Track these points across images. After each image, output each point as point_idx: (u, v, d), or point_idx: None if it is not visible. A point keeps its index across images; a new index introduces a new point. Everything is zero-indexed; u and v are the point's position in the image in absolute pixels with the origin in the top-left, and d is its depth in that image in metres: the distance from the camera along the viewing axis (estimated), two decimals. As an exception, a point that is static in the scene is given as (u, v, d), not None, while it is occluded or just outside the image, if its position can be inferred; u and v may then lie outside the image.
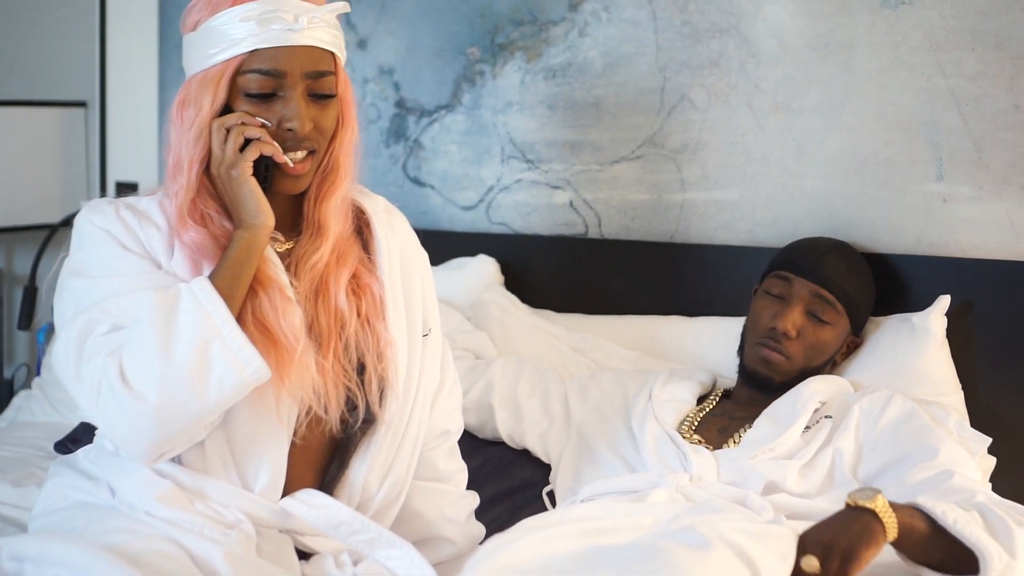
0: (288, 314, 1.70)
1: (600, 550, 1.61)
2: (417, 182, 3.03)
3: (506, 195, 2.91)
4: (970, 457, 2.09)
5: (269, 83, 1.70)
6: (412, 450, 1.89)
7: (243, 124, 1.70)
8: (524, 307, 2.76)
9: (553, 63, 2.83)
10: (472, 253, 2.89)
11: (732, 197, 2.66)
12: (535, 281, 2.84)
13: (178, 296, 1.64)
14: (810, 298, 2.30)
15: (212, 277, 1.67)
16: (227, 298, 1.65)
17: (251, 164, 1.70)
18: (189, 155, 1.72)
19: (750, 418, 2.27)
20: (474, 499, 2.06)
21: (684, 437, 2.24)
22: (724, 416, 2.32)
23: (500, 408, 2.49)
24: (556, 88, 2.83)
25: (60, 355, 1.67)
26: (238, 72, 1.70)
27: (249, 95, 1.71)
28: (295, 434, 1.74)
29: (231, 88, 1.71)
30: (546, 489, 2.37)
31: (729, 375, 2.50)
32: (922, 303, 2.39)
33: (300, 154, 1.73)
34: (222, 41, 1.69)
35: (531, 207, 2.88)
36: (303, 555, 1.78)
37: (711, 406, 2.36)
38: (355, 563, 1.76)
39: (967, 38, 2.40)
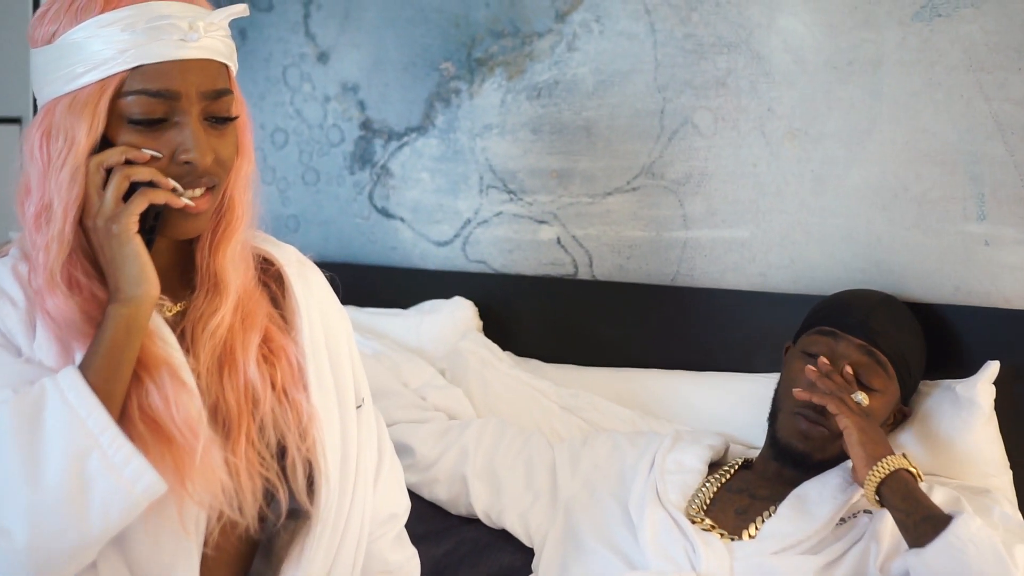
0: (183, 403, 1.43)
1: None
2: (385, 213, 2.80)
3: (485, 229, 2.70)
4: None
5: (159, 107, 1.42)
6: (356, 546, 1.65)
7: (127, 163, 1.42)
8: (507, 357, 2.55)
9: (538, 81, 2.62)
10: (446, 294, 2.67)
11: (742, 236, 2.47)
12: (518, 327, 2.63)
13: (42, 399, 1.36)
14: (858, 359, 2.06)
15: (84, 368, 1.38)
16: (104, 395, 1.37)
17: (137, 218, 1.42)
18: (63, 201, 1.41)
19: (774, 498, 2.04)
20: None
21: (693, 521, 2.01)
22: (744, 493, 2.08)
23: (476, 480, 2.25)
24: (541, 109, 2.62)
25: None
26: (118, 94, 1.41)
27: (133, 122, 1.42)
28: (206, 544, 1.49)
29: (109, 114, 1.42)
30: None
31: (744, 440, 2.30)
32: (961, 361, 2.23)
33: (199, 191, 1.46)
34: (93, 56, 1.41)
35: (513, 243, 2.67)
36: None
37: (727, 477, 2.12)
38: None
39: (1013, 56, 2.22)
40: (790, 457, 2.07)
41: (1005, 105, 2.22)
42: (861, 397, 1.98)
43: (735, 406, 2.34)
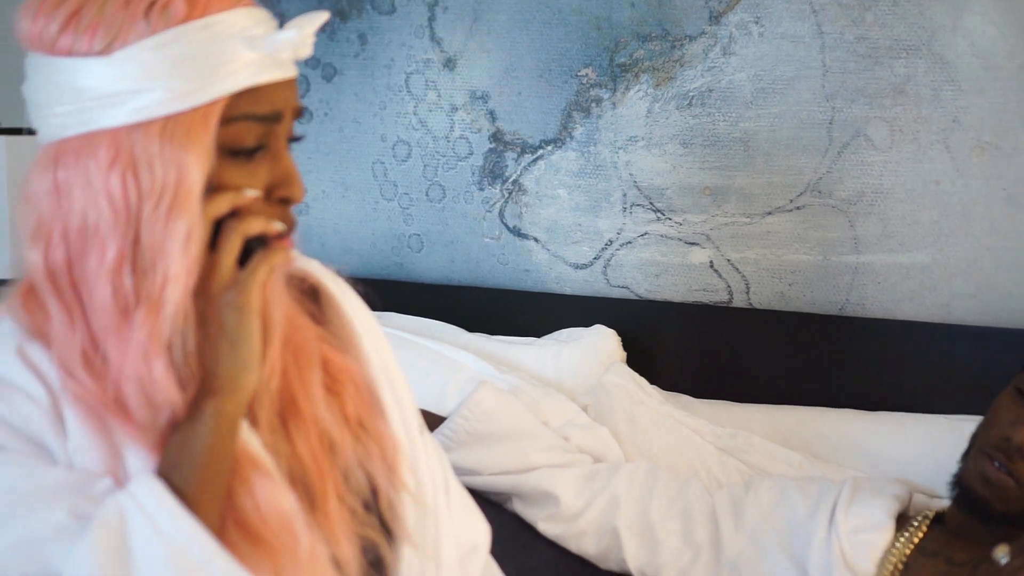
0: (274, 499, 1.22)
1: None
2: (517, 233, 2.64)
3: (629, 251, 2.53)
4: None
5: (261, 133, 1.20)
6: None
7: (239, 216, 1.20)
8: (655, 392, 2.36)
9: (689, 88, 2.43)
10: (585, 322, 2.49)
11: (922, 261, 2.30)
12: (664, 360, 2.46)
13: (124, 529, 1.14)
14: None
15: (167, 478, 1.16)
16: (202, 511, 1.16)
17: (260, 285, 1.20)
18: (177, 260, 1.16)
19: (975, 563, 1.82)
20: None
21: None
22: (939, 557, 1.87)
23: (629, 535, 2.05)
24: (693, 120, 2.44)
25: None
26: (221, 120, 1.18)
27: (233, 153, 1.19)
28: None
29: None
30: None
31: (925, 488, 2.09)
32: None
33: (283, 226, 1.25)
34: (199, 75, 1.16)
35: (660, 267, 2.50)
36: None
37: (919, 536, 1.90)
38: None
39: None
40: (970, 503, 1.88)
41: None
42: None
43: (914, 451, 2.15)
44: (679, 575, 2.01)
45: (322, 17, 1.22)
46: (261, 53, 1.18)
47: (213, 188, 1.18)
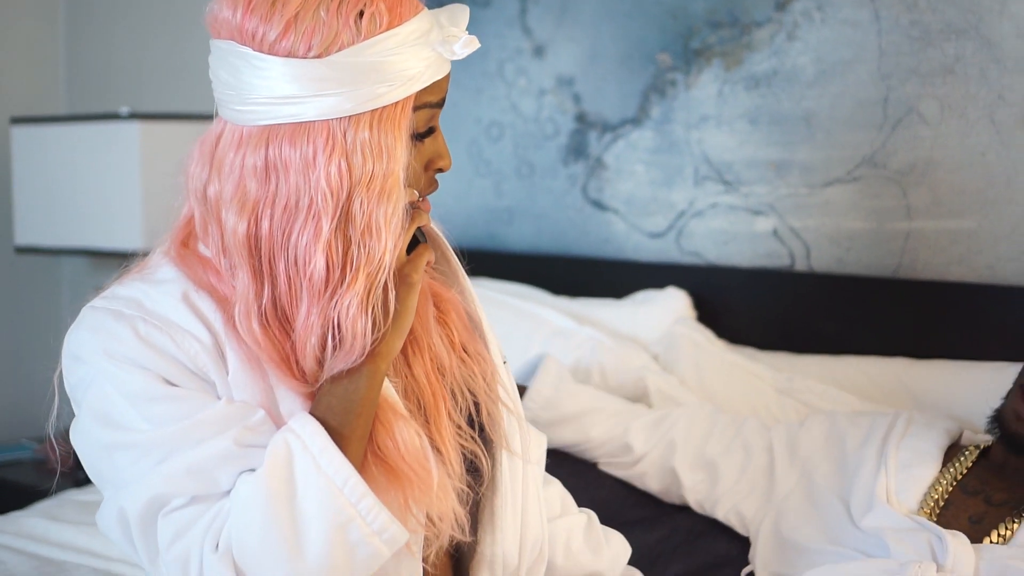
0: (408, 437, 1.38)
1: None
2: (599, 206, 2.79)
3: (699, 221, 2.65)
4: None
5: (431, 117, 1.38)
6: (537, 491, 1.60)
7: (412, 204, 1.38)
8: (720, 343, 2.50)
9: (756, 71, 2.56)
10: (660, 286, 2.63)
11: (969, 227, 2.37)
12: (732, 320, 2.57)
13: (291, 463, 1.31)
14: None
15: (325, 423, 1.33)
16: (351, 454, 1.33)
17: (423, 268, 1.38)
18: (391, 229, 1.33)
19: (1013, 503, 1.88)
20: (591, 516, 1.77)
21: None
22: (979, 496, 1.93)
23: (687, 470, 2.18)
24: (759, 100, 2.56)
25: (114, 526, 1.36)
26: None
27: (416, 136, 1.36)
28: (425, 560, 1.46)
29: None
30: (745, 570, 2.06)
31: (978, 429, 2.15)
32: None
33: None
34: (401, 74, 1.32)
35: (728, 235, 2.62)
36: None
37: (962, 473, 1.96)
38: None
39: None
40: (1008, 440, 1.93)
41: None
42: None
43: (961, 395, 2.21)
44: (733, 507, 2.12)
45: (466, 11, 1.38)
46: (446, 54, 1.34)
47: None
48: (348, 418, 1.34)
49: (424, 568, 1.45)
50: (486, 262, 2.75)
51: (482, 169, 2.92)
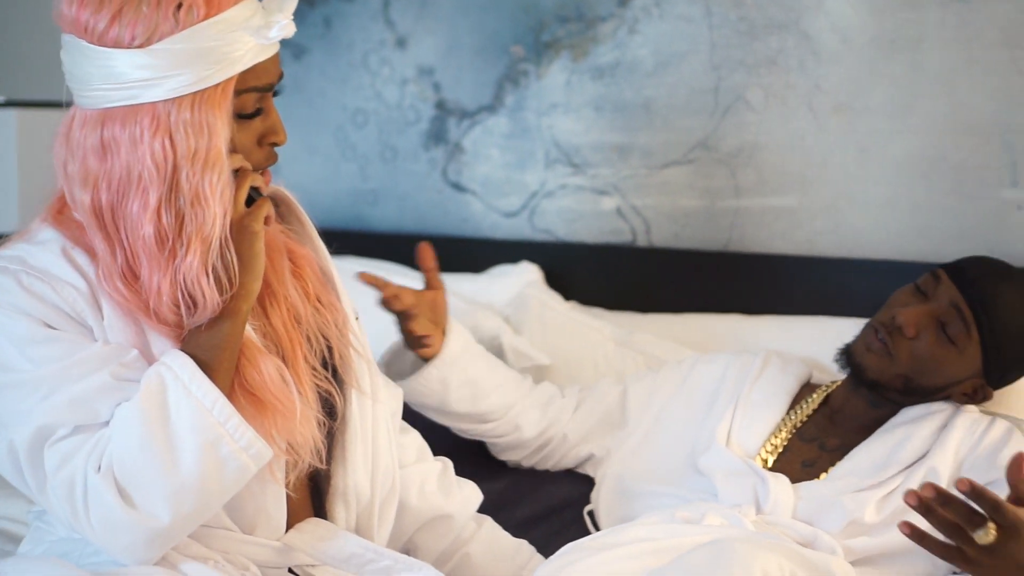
0: (270, 371, 1.54)
1: (659, 572, 1.55)
2: (457, 187, 2.94)
3: (550, 201, 2.82)
4: None
5: (259, 99, 1.52)
6: (388, 430, 1.76)
7: (243, 173, 1.52)
8: (568, 304, 2.64)
9: (601, 62, 2.74)
10: (514, 261, 2.79)
11: (790, 204, 2.56)
12: (581, 291, 2.73)
13: (164, 391, 1.46)
14: (947, 307, 1.96)
15: (195, 356, 1.48)
16: (220, 382, 1.48)
17: (262, 218, 1.53)
18: (217, 197, 1.46)
19: (844, 449, 2.00)
20: (446, 464, 1.94)
21: (766, 467, 2.00)
22: (814, 443, 2.04)
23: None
24: (604, 88, 2.74)
25: (4, 461, 1.49)
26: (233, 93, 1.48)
27: (241, 116, 1.50)
28: (287, 484, 1.62)
29: None
30: (587, 508, 2.20)
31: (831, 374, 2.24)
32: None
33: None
34: (221, 59, 1.45)
35: (576, 213, 2.79)
36: None
37: (802, 420, 2.06)
38: None
39: None
40: (855, 369, 2.01)
41: (1038, 79, 2.29)
42: (982, 533, 1.53)
43: (792, 344, 2.31)
44: (585, 452, 2.22)
45: (293, 2, 1.52)
46: (261, 39, 1.47)
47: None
48: (215, 353, 1.49)
49: (287, 495, 1.60)
50: (352, 241, 2.86)
51: (348, 153, 3.05)
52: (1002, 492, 1.55)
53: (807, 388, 2.14)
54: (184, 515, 1.46)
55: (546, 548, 1.94)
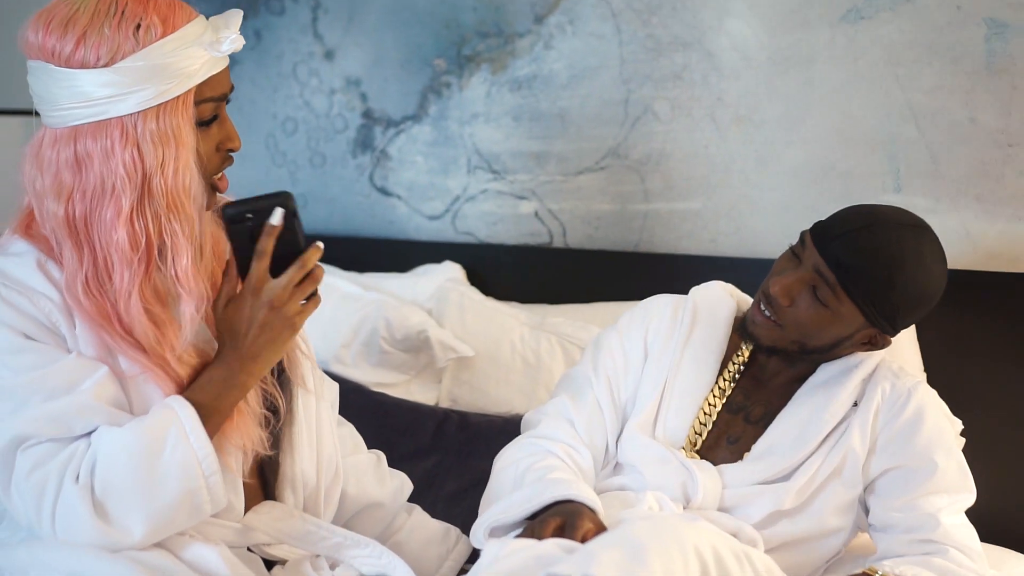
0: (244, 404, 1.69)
1: (597, 539, 1.59)
2: (384, 192, 3.02)
3: (472, 205, 2.91)
4: (965, 476, 1.92)
5: (215, 107, 1.60)
6: (330, 423, 1.86)
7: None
8: (487, 299, 2.75)
9: (519, 75, 2.83)
10: (438, 261, 2.88)
11: (695, 207, 2.67)
12: (500, 289, 2.84)
13: (166, 431, 1.55)
14: (812, 272, 1.89)
15: (199, 407, 1.59)
16: (213, 428, 1.61)
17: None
18: (192, 198, 1.55)
19: (768, 418, 1.97)
20: (380, 456, 2.03)
21: (694, 449, 1.97)
22: (740, 415, 1.99)
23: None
24: (522, 100, 2.83)
25: None
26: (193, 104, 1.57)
27: (200, 124, 1.58)
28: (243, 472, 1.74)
29: None
30: None
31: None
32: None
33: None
34: (178, 73, 1.53)
35: (497, 217, 2.88)
36: (269, 564, 1.78)
37: (732, 385, 2.00)
38: (332, 567, 1.77)
39: (924, 52, 2.43)
40: (752, 341, 1.97)
41: (917, 95, 2.43)
42: None
43: None
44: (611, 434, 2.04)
45: (239, 15, 1.62)
46: (214, 52, 1.57)
47: None
48: (219, 411, 1.61)
49: (244, 482, 1.73)
50: (283, 243, 2.94)
51: (278, 159, 3.12)
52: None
53: (736, 336, 2.05)
54: (158, 533, 1.57)
55: (473, 519, 1.96)
